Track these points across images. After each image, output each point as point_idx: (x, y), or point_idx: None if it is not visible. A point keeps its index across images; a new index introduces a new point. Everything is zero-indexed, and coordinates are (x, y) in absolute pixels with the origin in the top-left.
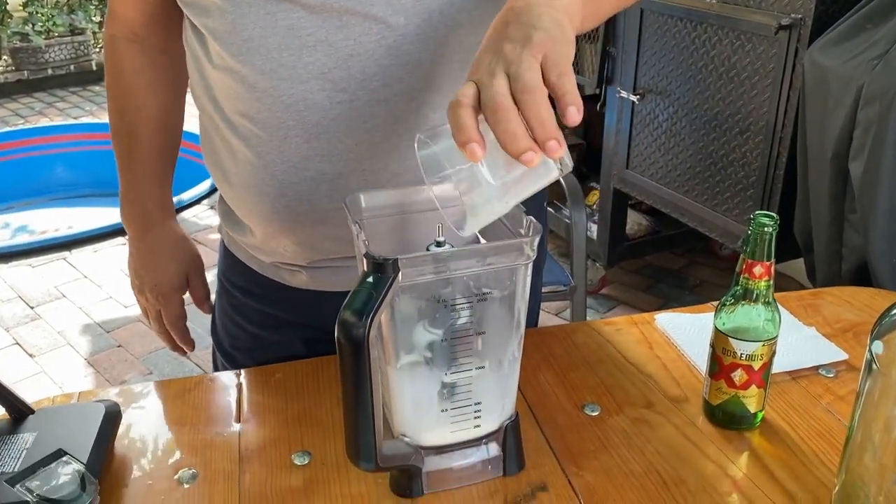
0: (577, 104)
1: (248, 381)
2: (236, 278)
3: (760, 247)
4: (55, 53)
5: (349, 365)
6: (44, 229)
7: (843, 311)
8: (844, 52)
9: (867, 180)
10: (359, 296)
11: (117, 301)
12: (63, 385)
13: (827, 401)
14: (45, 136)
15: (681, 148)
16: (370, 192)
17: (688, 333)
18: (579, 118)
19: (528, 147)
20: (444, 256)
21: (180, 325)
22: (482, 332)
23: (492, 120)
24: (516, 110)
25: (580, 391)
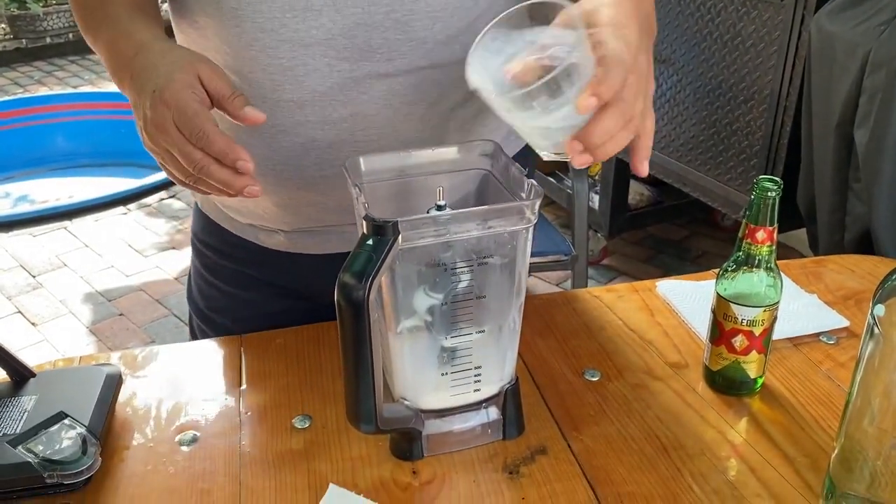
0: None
1: (249, 346)
2: (209, 239)
3: (763, 211)
4: (53, 21)
5: (349, 327)
6: (44, 199)
7: (846, 278)
8: (851, 19)
9: (872, 148)
10: (358, 258)
11: (118, 270)
12: (65, 353)
13: (827, 367)
14: (45, 105)
15: (684, 117)
16: (370, 155)
17: (689, 300)
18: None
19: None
20: (444, 219)
21: (210, 121)
22: (482, 297)
23: (610, 113)
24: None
25: (580, 357)
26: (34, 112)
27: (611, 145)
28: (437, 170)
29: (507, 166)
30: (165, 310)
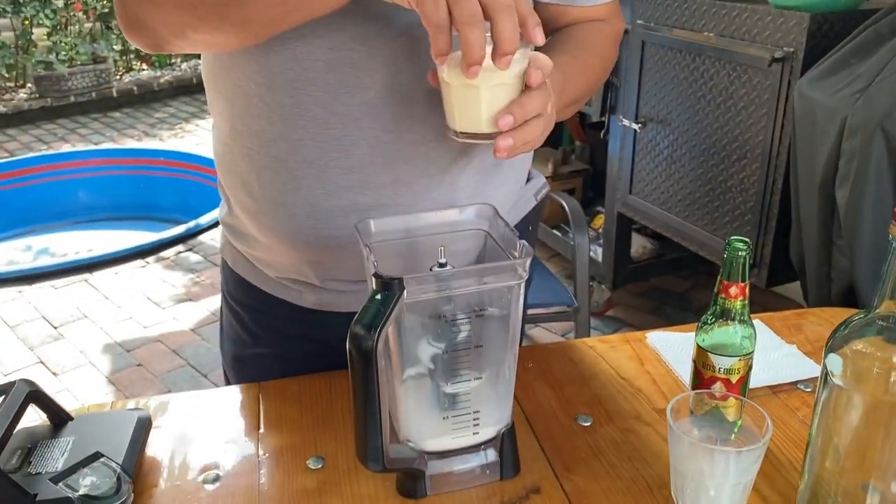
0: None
1: (266, 393)
2: (241, 296)
3: (735, 269)
4: (77, 81)
5: (359, 374)
6: (66, 252)
7: (825, 330)
8: (830, 86)
9: (852, 207)
10: (368, 311)
11: (137, 321)
12: (85, 402)
13: (803, 413)
14: (67, 161)
15: (681, 174)
16: (380, 218)
17: (676, 350)
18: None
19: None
20: (445, 276)
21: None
22: (480, 346)
23: (537, 93)
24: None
25: (574, 403)
26: (57, 168)
27: (533, 126)
28: (440, 230)
29: (502, 227)
30: (182, 360)
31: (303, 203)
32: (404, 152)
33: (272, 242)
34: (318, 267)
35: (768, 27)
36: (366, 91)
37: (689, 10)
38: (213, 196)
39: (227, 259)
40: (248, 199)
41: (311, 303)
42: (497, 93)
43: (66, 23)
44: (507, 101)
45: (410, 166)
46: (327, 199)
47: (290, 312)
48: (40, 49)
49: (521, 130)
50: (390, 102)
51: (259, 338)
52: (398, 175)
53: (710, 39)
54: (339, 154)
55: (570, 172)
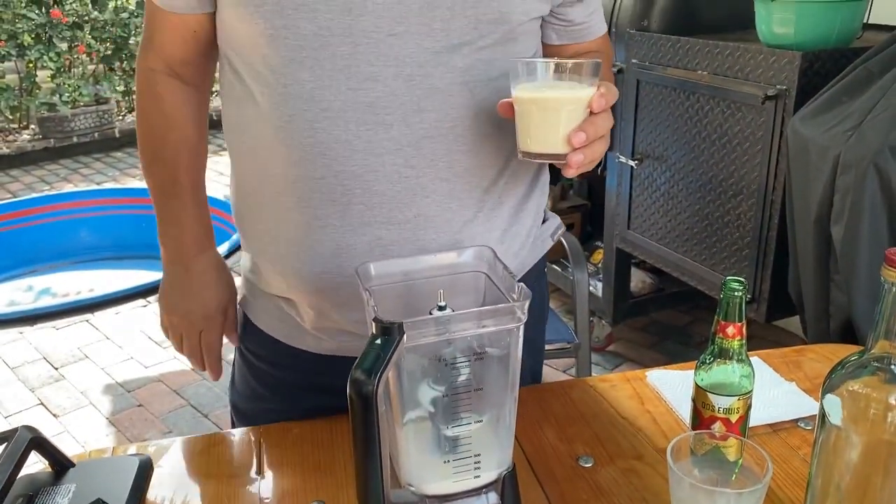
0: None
1: (267, 437)
2: (258, 349)
3: (732, 309)
4: (80, 122)
5: (359, 419)
6: (66, 292)
7: (824, 366)
8: (822, 124)
9: (847, 243)
10: (368, 356)
11: (138, 361)
12: (86, 444)
13: (804, 452)
14: (69, 201)
15: (678, 210)
16: (379, 262)
17: (676, 389)
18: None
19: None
20: (444, 320)
21: (217, 349)
22: (480, 389)
23: (604, 116)
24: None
25: (575, 444)
26: (59, 208)
27: (598, 145)
28: (439, 273)
29: (501, 270)
30: (183, 400)
31: (328, 241)
32: (426, 188)
33: (296, 284)
34: (341, 309)
35: (761, 65)
36: (387, 128)
37: (683, 49)
38: (216, 235)
39: (243, 309)
40: (273, 247)
41: (332, 349)
42: (573, 115)
43: (70, 65)
44: (579, 122)
45: (432, 202)
46: (352, 235)
47: (310, 364)
48: (44, 91)
49: (591, 148)
50: (412, 139)
51: (275, 391)
52: (420, 210)
53: (703, 78)
54: (361, 191)
55: (569, 208)
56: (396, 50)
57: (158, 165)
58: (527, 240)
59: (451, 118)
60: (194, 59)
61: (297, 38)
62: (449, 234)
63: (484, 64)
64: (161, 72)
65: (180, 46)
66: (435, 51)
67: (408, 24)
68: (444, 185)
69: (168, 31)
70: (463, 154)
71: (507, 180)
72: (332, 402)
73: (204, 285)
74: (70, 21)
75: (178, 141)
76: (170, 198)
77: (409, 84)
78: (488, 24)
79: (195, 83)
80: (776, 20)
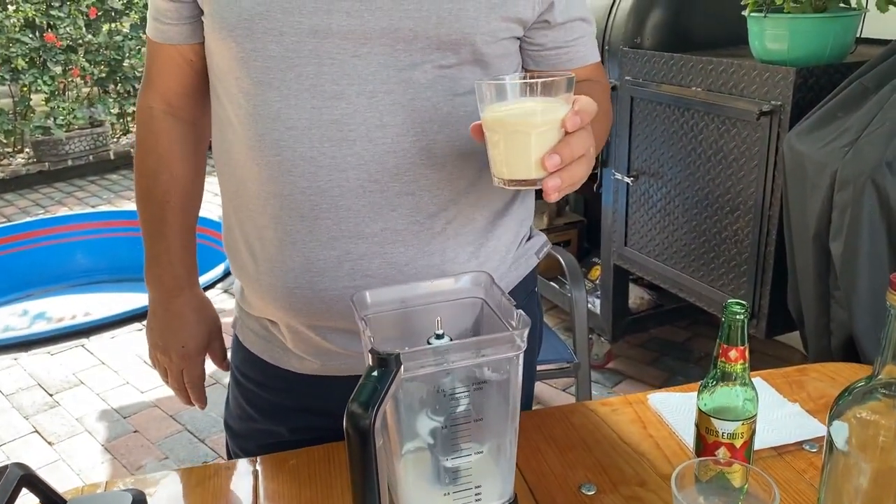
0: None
1: (264, 468)
2: (247, 371)
3: (734, 333)
4: (75, 145)
5: (357, 453)
6: (61, 316)
7: (827, 386)
8: (818, 139)
9: (847, 259)
10: (365, 389)
11: (134, 387)
12: (81, 472)
13: (810, 475)
14: (64, 224)
15: (675, 226)
16: (375, 289)
17: (678, 412)
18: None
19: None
20: (442, 350)
21: (200, 384)
22: (480, 419)
23: (580, 135)
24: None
25: (577, 471)
26: (54, 232)
27: (576, 167)
28: (436, 300)
29: (498, 296)
30: (179, 425)
31: (298, 256)
32: (392, 202)
33: (271, 301)
34: (315, 325)
35: (755, 81)
36: (351, 144)
37: (677, 66)
38: (211, 256)
39: (237, 334)
40: (252, 265)
41: (315, 369)
42: (545, 137)
43: (64, 88)
44: (553, 144)
45: (399, 215)
46: (321, 250)
47: (297, 385)
48: (38, 114)
49: (568, 170)
50: (375, 154)
51: (264, 413)
52: (387, 224)
53: (697, 94)
54: (328, 205)
55: (565, 224)
56: (360, 69)
57: (148, 203)
58: (506, 256)
59: (413, 133)
60: (191, 92)
61: (266, 60)
62: (417, 248)
63: (449, 80)
64: (159, 109)
65: (177, 79)
66: (398, 68)
67: (371, 45)
68: (410, 198)
69: (165, 64)
70: (428, 168)
71: (479, 194)
72: (323, 422)
73: (182, 325)
74: (64, 45)
75: (168, 181)
76: (156, 238)
77: (371, 101)
78: (452, 44)
79: (192, 120)
80: (769, 36)
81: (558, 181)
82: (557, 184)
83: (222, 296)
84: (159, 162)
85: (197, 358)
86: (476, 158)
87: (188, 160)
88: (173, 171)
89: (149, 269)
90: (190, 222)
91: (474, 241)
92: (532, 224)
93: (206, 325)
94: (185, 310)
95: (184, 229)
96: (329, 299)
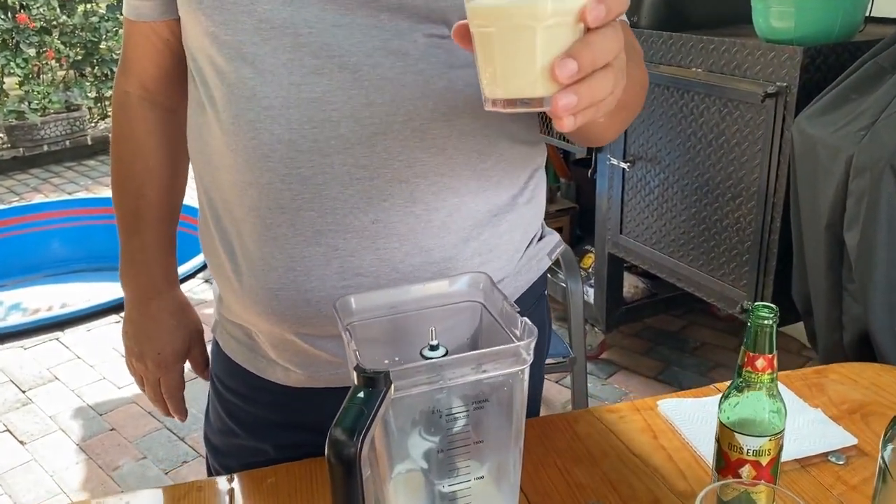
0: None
1: (241, 486)
2: (229, 381)
3: (762, 339)
4: (51, 130)
5: (340, 485)
6: (37, 308)
7: (849, 389)
8: (831, 123)
9: (863, 250)
10: (349, 412)
11: (110, 382)
12: (54, 473)
13: (839, 491)
14: (40, 212)
15: (673, 213)
16: (361, 294)
17: (691, 421)
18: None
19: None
20: (437, 366)
21: (179, 394)
22: (480, 442)
23: (606, 32)
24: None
25: (584, 489)
26: (29, 220)
27: (600, 79)
28: (430, 304)
29: (500, 300)
30: (158, 423)
31: (279, 254)
32: (382, 190)
33: (252, 305)
34: (301, 331)
35: (759, 62)
36: (334, 125)
37: (675, 45)
38: (192, 245)
39: (218, 339)
40: (230, 265)
41: (301, 381)
42: (556, 34)
43: (39, 71)
44: (567, 45)
45: (391, 205)
46: (305, 245)
47: (282, 399)
48: (12, 98)
49: (588, 84)
50: (362, 136)
51: (246, 427)
52: (378, 216)
53: (698, 75)
54: (311, 195)
55: (557, 211)
56: (341, 40)
57: (123, 197)
58: (514, 256)
59: (404, 112)
60: (169, 76)
61: (238, 33)
62: (413, 243)
63: (443, 51)
64: (135, 95)
65: (154, 61)
66: (383, 39)
67: (353, 14)
68: (403, 186)
69: (141, 45)
70: (422, 152)
71: (483, 183)
72: (309, 438)
73: (159, 331)
74: (38, 26)
75: (144, 173)
76: (130, 234)
77: (355, 76)
78: (441, 12)
79: (172, 107)
80: (775, 14)
81: (573, 99)
82: (572, 102)
83: (203, 286)
84: (134, 152)
85: (175, 366)
86: (479, 140)
87: (166, 150)
88: (149, 162)
89: (123, 269)
90: (168, 219)
91: (478, 237)
92: (543, 221)
93: (185, 330)
94: (163, 314)
95: (161, 225)
96: (317, 301)
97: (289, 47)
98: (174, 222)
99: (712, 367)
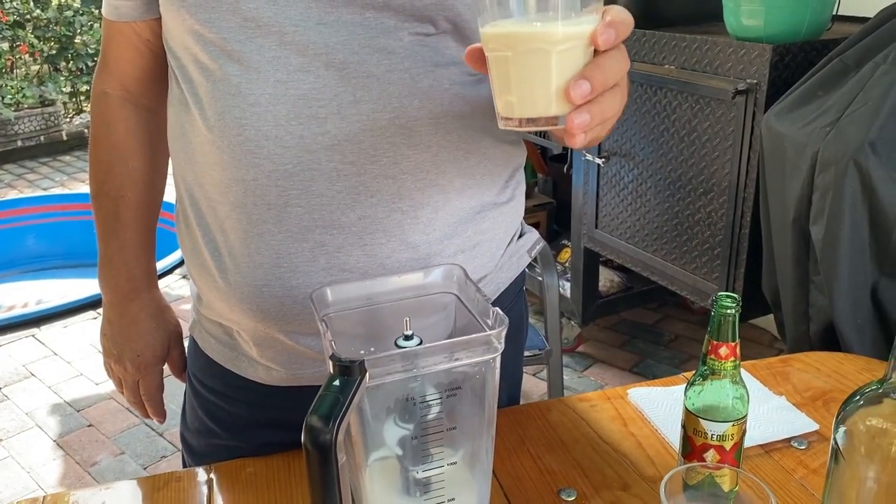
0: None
1: (219, 476)
2: (207, 380)
3: (725, 328)
4: (25, 125)
5: (316, 471)
6: (12, 304)
7: (812, 377)
8: (798, 119)
9: (828, 243)
10: (325, 400)
11: (88, 378)
12: (31, 470)
13: (800, 475)
14: (14, 208)
15: (647, 208)
16: (337, 285)
17: (660, 408)
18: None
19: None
20: (411, 354)
21: (158, 396)
22: (453, 428)
23: (613, 54)
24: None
25: (556, 475)
26: (3, 216)
27: (610, 99)
28: (405, 295)
29: (473, 292)
30: (135, 418)
31: (266, 250)
32: (369, 186)
33: (237, 303)
34: (287, 329)
35: (730, 59)
36: (321, 122)
37: (648, 43)
38: (169, 240)
39: (195, 336)
40: (214, 262)
41: (283, 379)
42: (569, 57)
43: (12, 66)
44: (579, 67)
45: (378, 201)
46: (292, 242)
47: (261, 396)
48: None
49: (599, 104)
50: (348, 133)
51: (225, 427)
52: (365, 212)
53: (670, 72)
54: (298, 192)
55: (534, 206)
56: (327, 37)
57: (101, 198)
58: (496, 253)
59: (390, 109)
60: (150, 77)
61: (222, 31)
62: (400, 239)
63: (429, 49)
64: (115, 95)
65: (134, 62)
66: (369, 36)
67: (338, 12)
68: (390, 183)
69: (121, 46)
70: (409, 148)
71: (468, 180)
72: (289, 437)
73: (137, 332)
74: (11, 20)
75: (123, 174)
76: (109, 236)
77: (342, 73)
78: (427, 11)
79: (153, 107)
80: (745, 12)
81: (587, 118)
82: (586, 121)
83: (181, 282)
84: (114, 153)
85: (154, 368)
86: (464, 138)
87: (147, 151)
88: (129, 164)
89: (102, 270)
90: (148, 219)
91: (462, 234)
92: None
93: (164, 331)
94: (142, 315)
95: (141, 227)
96: (303, 298)
97: (274, 45)
98: (154, 222)
99: (686, 360)
